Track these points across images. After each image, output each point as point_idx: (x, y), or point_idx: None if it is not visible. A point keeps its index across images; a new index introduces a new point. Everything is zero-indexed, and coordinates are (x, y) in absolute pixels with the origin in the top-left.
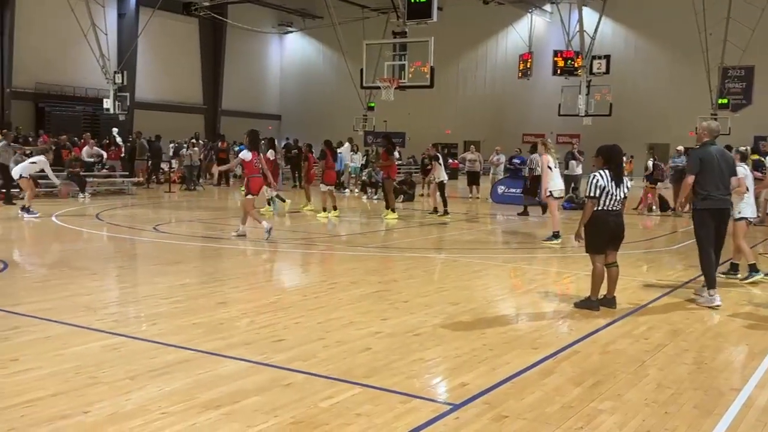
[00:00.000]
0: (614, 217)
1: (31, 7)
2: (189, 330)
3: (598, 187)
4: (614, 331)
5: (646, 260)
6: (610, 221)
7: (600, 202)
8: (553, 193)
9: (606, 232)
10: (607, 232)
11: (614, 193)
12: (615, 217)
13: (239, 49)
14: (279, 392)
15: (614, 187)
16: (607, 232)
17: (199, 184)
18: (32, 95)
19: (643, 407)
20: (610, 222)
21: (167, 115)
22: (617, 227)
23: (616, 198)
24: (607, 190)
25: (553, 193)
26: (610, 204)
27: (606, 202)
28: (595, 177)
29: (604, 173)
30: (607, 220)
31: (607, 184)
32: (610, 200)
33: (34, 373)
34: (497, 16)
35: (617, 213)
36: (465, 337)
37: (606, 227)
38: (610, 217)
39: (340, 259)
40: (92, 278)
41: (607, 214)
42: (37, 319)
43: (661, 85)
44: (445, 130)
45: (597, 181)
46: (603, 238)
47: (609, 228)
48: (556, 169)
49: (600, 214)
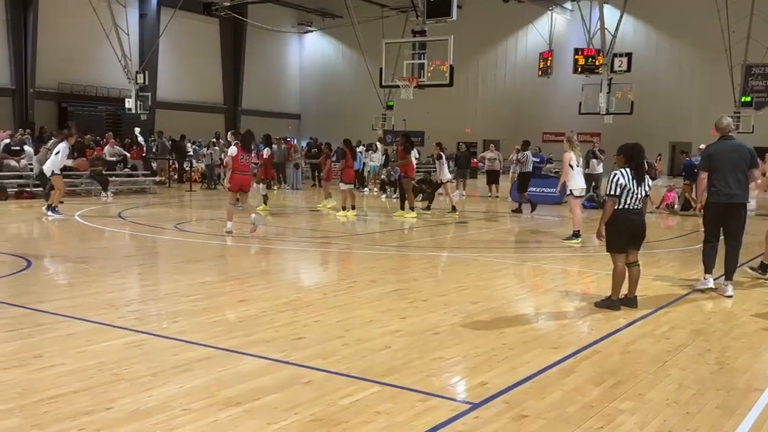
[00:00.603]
0: (635, 216)
1: (53, 9)
2: (210, 327)
3: (619, 185)
4: (635, 330)
5: (668, 259)
6: (631, 220)
7: (621, 200)
8: (574, 192)
9: (627, 231)
10: (628, 231)
11: (636, 191)
12: (636, 215)
13: (259, 49)
14: (299, 390)
15: (636, 185)
16: (628, 231)
17: (220, 183)
18: (55, 95)
19: (664, 407)
20: (631, 221)
21: (188, 115)
22: (638, 226)
23: (638, 197)
24: (628, 188)
25: (574, 192)
26: (632, 203)
27: (627, 201)
28: (616, 175)
29: (625, 172)
30: (629, 218)
31: (628, 182)
32: (632, 199)
33: (57, 370)
34: (517, 14)
35: (638, 212)
36: (484, 336)
37: (627, 226)
38: (631, 216)
39: (359, 258)
40: (115, 276)
41: (628, 213)
42: (61, 317)
43: (683, 82)
44: (465, 129)
45: (618, 180)
46: (624, 237)
47: (630, 227)
48: (578, 167)
49: (621, 213)
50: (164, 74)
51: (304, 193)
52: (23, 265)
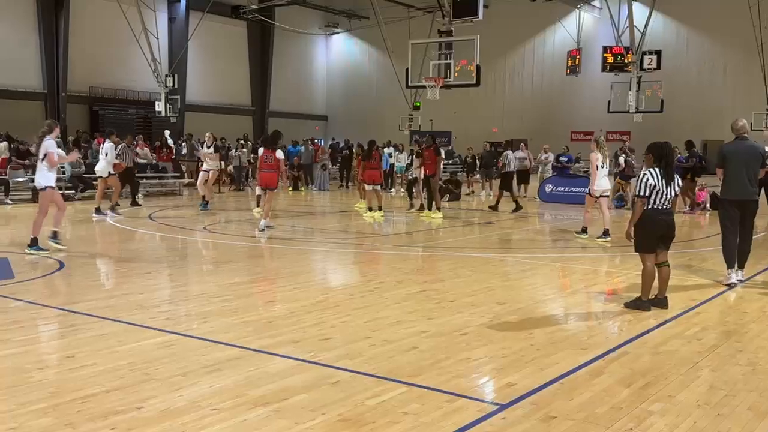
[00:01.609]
0: (664, 216)
1: (84, 14)
2: (239, 328)
3: (648, 185)
4: (666, 331)
5: (699, 259)
6: (660, 220)
7: (650, 200)
8: (595, 192)
9: (656, 231)
10: (657, 231)
11: (665, 191)
12: (665, 215)
13: (286, 51)
14: (326, 390)
15: (665, 185)
16: (657, 231)
17: (248, 185)
18: (86, 99)
19: (694, 409)
20: (660, 221)
21: (217, 117)
22: (668, 226)
23: (667, 197)
24: (657, 188)
25: (595, 192)
26: (661, 202)
27: (656, 201)
28: (645, 175)
29: (655, 171)
30: (657, 219)
31: (658, 182)
32: (661, 199)
33: (89, 370)
34: (545, 12)
35: (668, 212)
36: (512, 337)
37: (656, 226)
38: (661, 216)
39: (385, 259)
40: (145, 277)
41: (657, 213)
42: (93, 317)
43: (714, 80)
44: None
45: (647, 180)
46: (653, 237)
47: (659, 227)
48: (603, 168)
49: (650, 213)
50: (193, 77)
51: (331, 195)
52: (56, 267)
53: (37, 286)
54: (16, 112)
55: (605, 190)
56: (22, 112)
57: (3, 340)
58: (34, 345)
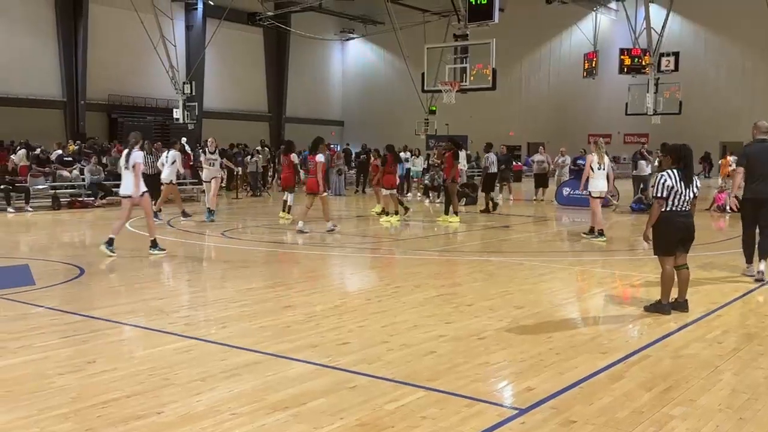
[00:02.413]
0: (683, 218)
1: (102, 23)
2: (257, 333)
3: (666, 187)
4: (686, 335)
5: (720, 262)
6: (678, 222)
7: (668, 202)
8: (592, 193)
9: (675, 234)
10: (676, 233)
11: (683, 193)
12: (684, 217)
13: (302, 57)
14: (344, 394)
15: (683, 187)
16: (676, 234)
17: (266, 190)
18: (105, 106)
19: (716, 413)
20: (678, 223)
21: (234, 123)
22: (687, 228)
23: (686, 198)
24: (675, 189)
25: (592, 193)
26: (679, 204)
27: (675, 203)
28: (663, 177)
29: (673, 173)
30: (676, 221)
31: (676, 184)
32: (679, 200)
33: (109, 375)
34: (561, 15)
35: (686, 214)
36: (531, 341)
37: (675, 228)
38: (679, 218)
39: (403, 263)
40: (164, 283)
41: (675, 215)
42: (113, 323)
43: (733, 81)
44: (509, 132)
45: (665, 181)
46: (672, 239)
47: (678, 229)
48: (600, 171)
49: (668, 215)
50: (210, 84)
51: (347, 199)
52: (76, 273)
53: (58, 292)
54: (36, 120)
55: (602, 191)
56: (42, 120)
57: (24, 346)
58: (55, 351)
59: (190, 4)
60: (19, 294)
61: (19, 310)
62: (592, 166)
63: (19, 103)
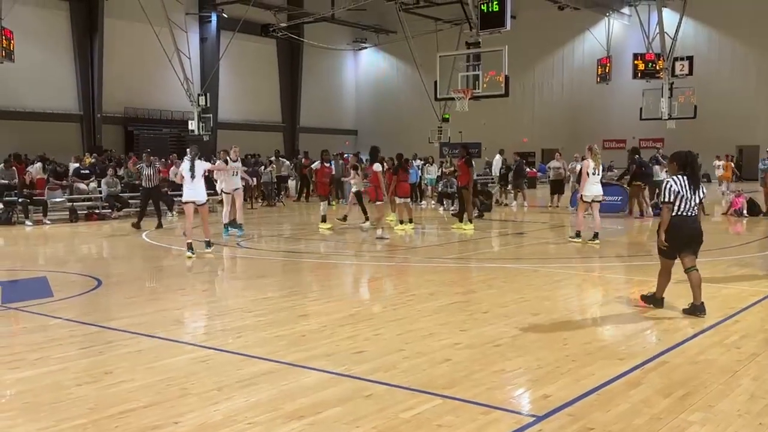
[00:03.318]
0: (690, 222)
1: (117, 36)
2: (273, 342)
3: (672, 192)
4: (704, 340)
5: (738, 266)
6: (685, 226)
7: (675, 207)
8: (585, 198)
9: (680, 237)
10: (682, 237)
11: (690, 197)
12: (691, 222)
13: (315, 67)
14: (360, 403)
15: (690, 192)
16: (682, 238)
17: (280, 200)
18: (121, 119)
19: (735, 418)
20: (685, 227)
21: (248, 134)
22: (694, 232)
23: (692, 203)
24: (681, 194)
25: (585, 198)
26: (687, 209)
27: (681, 207)
28: (668, 182)
29: (678, 178)
30: (683, 225)
31: (681, 189)
32: (686, 205)
33: (127, 386)
34: (573, 21)
35: (693, 218)
36: (547, 348)
37: (681, 232)
38: (686, 222)
39: (417, 271)
40: (180, 293)
41: (682, 220)
42: (130, 334)
43: (748, 84)
44: (522, 139)
45: (671, 187)
46: (676, 243)
47: (684, 233)
48: (594, 176)
49: (675, 220)
50: (225, 95)
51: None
52: (93, 285)
53: (75, 303)
54: (53, 134)
55: (597, 196)
56: (58, 134)
57: (43, 357)
58: (73, 362)
59: (204, 16)
60: (38, 306)
61: (37, 322)
62: (588, 171)
63: (36, 117)
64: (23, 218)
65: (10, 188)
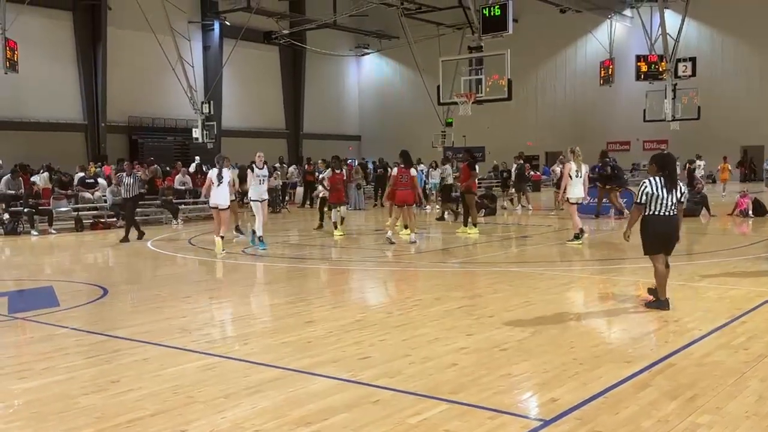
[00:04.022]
0: (664, 221)
1: (121, 46)
2: (279, 349)
3: (645, 193)
4: (711, 342)
5: (744, 267)
6: (658, 225)
7: (651, 207)
8: (570, 200)
9: (657, 235)
10: (659, 234)
11: (665, 198)
12: (665, 221)
13: (318, 73)
14: (367, 409)
15: (666, 192)
16: (659, 235)
17: (285, 207)
18: (125, 128)
19: (744, 420)
20: (658, 226)
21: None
22: (668, 231)
23: (668, 204)
24: (656, 195)
25: (570, 200)
26: (662, 209)
27: (657, 207)
28: (643, 184)
29: (654, 180)
30: (656, 224)
31: (656, 190)
32: (661, 205)
33: (134, 394)
34: (575, 23)
35: (668, 217)
36: (553, 352)
37: (657, 230)
38: (660, 222)
39: (423, 276)
40: (186, 301)
41: (656, 219)
42: (136, 342)
43: (752, 84)
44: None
45: (645, 188)
46: (656, 240)
47: (660, 231)
48: (577, 178)
49: (651, 219)
50: (228, 103)
51: (367, 213)
52: (99, 294)
53: (82, 312)
54: (58, 143)
55: (578, 198)
56: (64, 143)
57: (49, 367)
58: (80, 371)
59: (207, 25)
60: (44, 315)
61: (44, 332)
62: (570, 174)
63: (41, 127)
64: (29, 228)
65: (16, 198)
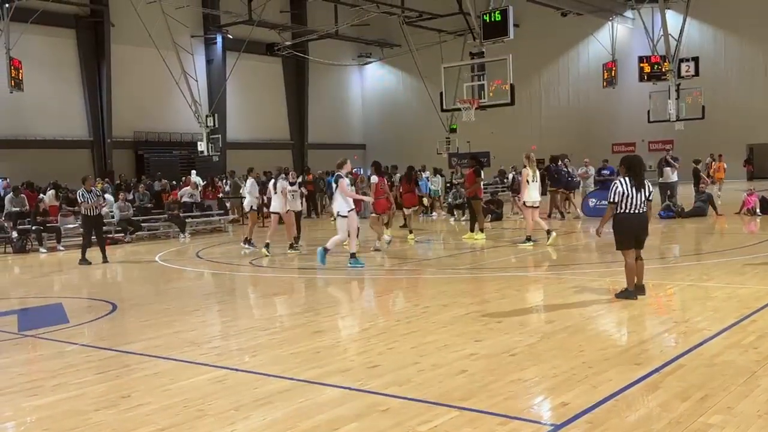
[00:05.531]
0: (636, 218)
1: (125, 61)
2: (288, 360)
3: (617, 193)
4: (721, 342)
5: (752, 266)
6: (631, 222)
7: (622, 205)
8: (527, 203)
9: (629, 231)
10: (630, 231)
11: (634, 197)
12: (637, 217)
13: (322, 83)
14: (377, 418)
15: (635, 192)
16: (631, 231)
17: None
18: (131, 143)
19: (756, 419)
20: (631, 222)
21: (257, 153)
22: (639, 226)
23: (638, 201)
24: (626, 194)
25: (527, 203)
26: (632, 207)
27: (628, 206)
28: (615, 184)
29: (624, 180)
30: (628, 220)
31: (626, 189)
32: (631, 203)
33: (144, 409)
34: (577, 26)
35: (639, 214)
36: (563, 356)
37: (628, 226)
38: (632, 218)
39: (430, 283)
40: (195, 314)
41: (628, 216)
42: (146, 357)
43: (756, 83)
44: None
45: (616, 188)
46: (628, 236)
47: (632, 227)
48: (533, 183)
49: (622, 216)
50: (233, 115)
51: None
52: (108, 309)
53: (91, 328)
54: (64, 160)
55: (535, 201)
56: (70, 160)
57: (61, 383)
58: (91, 387)
59: (210, 38)
60: (54, 332)
61: (54, 349)
62: (528, 179)
63: (47, 144)
64: (38, 246)
65: (23, 215)
